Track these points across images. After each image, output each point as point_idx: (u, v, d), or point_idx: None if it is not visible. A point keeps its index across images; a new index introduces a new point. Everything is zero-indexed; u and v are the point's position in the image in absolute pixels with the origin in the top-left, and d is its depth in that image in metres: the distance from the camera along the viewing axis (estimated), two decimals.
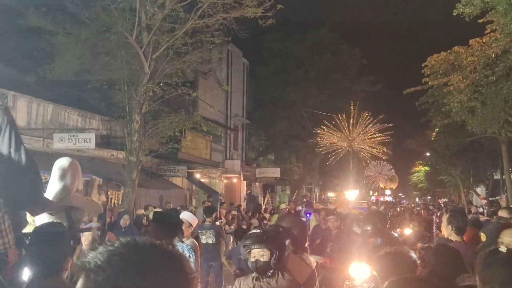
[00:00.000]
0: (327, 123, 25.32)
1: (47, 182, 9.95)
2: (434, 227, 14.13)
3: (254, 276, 3.70)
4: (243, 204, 25.74)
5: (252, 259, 3.64)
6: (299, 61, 31.37)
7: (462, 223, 4.94)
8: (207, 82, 23.82)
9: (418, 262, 4.94)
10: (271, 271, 3.61)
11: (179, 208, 14.13)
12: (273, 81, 31.38)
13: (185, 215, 6.04)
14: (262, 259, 3.59)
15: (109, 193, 16.49)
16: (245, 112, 30.31)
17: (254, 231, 3.92)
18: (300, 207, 17.73)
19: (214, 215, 10.59)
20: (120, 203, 14.92)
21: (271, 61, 32.17)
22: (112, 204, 16.16)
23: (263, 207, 22.28)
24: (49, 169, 13.07)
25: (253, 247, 3.65)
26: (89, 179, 14.41)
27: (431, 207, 30.35)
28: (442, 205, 20.76)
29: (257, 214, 18.82)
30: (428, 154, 41.32)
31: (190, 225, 5.96)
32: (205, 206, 13.38)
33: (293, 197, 31.26)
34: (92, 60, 16.74)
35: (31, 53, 16.78)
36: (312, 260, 5.83)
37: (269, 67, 32.12)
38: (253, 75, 31.85)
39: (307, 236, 5.96)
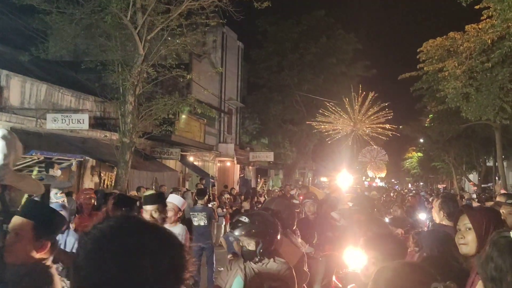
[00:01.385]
0: (331, 106, 25.11)
1: (40, 162, 9.94)
2: (416, 213, 14.25)
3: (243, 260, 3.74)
4: (236, 188, 25.80)
5: (240, 245, 3.68)
6: (294, 45, 31.23)
7: (453, 209, 4.97)
8: (202, 64, 23.70)
9: (413, 247, 4.98)
10: (258, 257, 3.61)
11: (171, 190, 14.14)
12: (267, 64, 31.27)
13: (173, 199, 5.78)
14: (248, 247, 3.61)
15: (102, 174, 16.48)
16: (239, 95, 30.22)
17: (241, 218, 3.89)
18: (293, 191, 17.81)
19: (206, 198, 10.61)
20: (113, 184, 14.92)
21: (266, 45, 32.02)
22: (105, 186, 16.17)
23: (259, 191, 22.36)
24: (42, 149, 13.05)
25: (239, 237, 3.66)
26: (82, 160, 14.36)
27: (423, 193, 30.56)
28: (441, 190, 20.73)
29: (250, 197, 18.86)
30: (421, 140, 41.51)
31: (179, 209, 5.70)
32: (197, 188, 13.40)
33: (288, 181, 31.40)
34: (86, 40, 16.62)
35: (25, 32, 16.62)
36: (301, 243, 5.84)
37: (264, 51, 31.98)
38: (248, 58, 31.74)
39: (296, 218, 5.88)
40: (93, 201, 7.64)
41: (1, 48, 17.23)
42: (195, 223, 9.92)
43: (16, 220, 2.79)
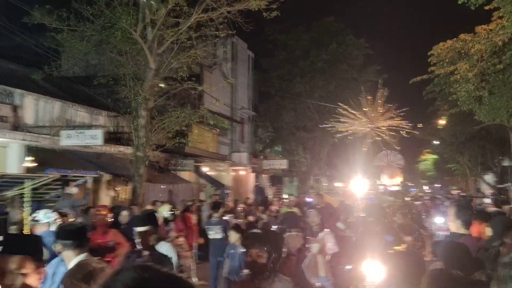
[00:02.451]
0: (344, 108, 24.82)
1: (55, 180, 10.03)
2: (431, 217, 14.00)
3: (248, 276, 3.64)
4: (251, 197, 25.80)
5: (249, 259, 3.58)
6: (305, 52, 31.23)
7: (468, 217, 4.94)
8: (213, 75, 23.81)
9: (430, 257, 4.94)
10: (267, 273, 3.49)
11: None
12: (278, 72, 31.30)
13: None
14: (259, 260, 3.51)
15: (117, 189, 16.60)
16: (251, 104, 30.28)
17: (254, 231, 3.90)
18: (308, 198, 17.73)
19: (221, 210, 10.65)
20: (129, 198, 15.03)
21: (277, 53, 32.06)
22: (120, 199, 16.27)
23: (270, 200, 22.32)
24: (57, 166, 13.18)
25: (251, 247, 3.59)
26: (97, 176, 14.49)
27: (439, 196, 30.23)
28: (457, 195, 20.21)
29: (264, 207, 18.82)
30: (435, 142, 41.13)
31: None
32: (212, 201, 13.43)
33: (303, 189, 31.32)
34: (98, 56, 16.81)
35: (37, 51, 16.85)
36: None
37: (274, 59, 32.02)
38: (258, 67, 31.80)
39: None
40: (107, 218, 7.71)
41: (14, 67, 17.48)
42: (211, 236, 9.95)
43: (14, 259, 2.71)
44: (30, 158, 13.28)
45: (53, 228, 5.50)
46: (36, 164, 13.35)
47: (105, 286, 1.19)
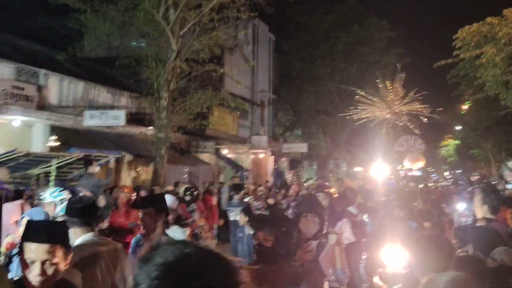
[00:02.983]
0: (365, 92, 24.41)
1: (79, 159, 10.16)
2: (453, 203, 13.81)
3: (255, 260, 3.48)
4: (270, 180, 25.83)
5: (256, 242, 3.45)
6: (326, 35, 30.87)
7: (496, 202, 4.85)
8: (233, 57, 23.73)
9: (455, 242, 4.88)
10: (274, 258, 3.32)
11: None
12: (299, 55, 31.05)
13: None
14: (266, 244, 3.36)
15: (138, 169, 16.75)
16: (271, 87, 30.17)
17: (263, 213, 3.78)
18: (327, 183, 17.68)
19: (242, 192, 10.68)
20: (150, 179, 15.17)
21: (298, 35, 31.77)
22: (141, 180, 16.44)
23: (289, 184, 22.29)
24: (80, 145, 13.33)
25: (258, 230, 3.48)
26: (120, 156, 14.64)
27: (461, 182, 29.88)
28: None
29: (284, 191, 18.83)
30: (458, 128, 40.57)
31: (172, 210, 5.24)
32: (233, 183, 13.47)
33: (322, 172, 31.24)
34: (120, 37, 16.87)
35: (61, 32, 16.98)
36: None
37: (295, 41, 31.75)
38: (279, 49, 31.57)
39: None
40: (129, 198, 7.77)
41: (39, 47, 17.64)
42: (232, 218, 9.99)
43: (40, 248, 2.53)
44: (54, 137, 13.47)
45: (59, 208, 5.31)
46: (59, 143, 13.54)
47: (145, 259, 1.20)
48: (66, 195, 5.49)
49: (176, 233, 4.95)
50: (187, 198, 10.08)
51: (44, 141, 13.56)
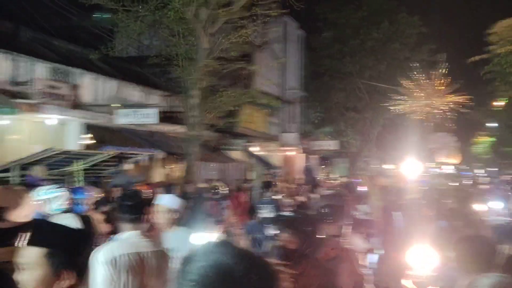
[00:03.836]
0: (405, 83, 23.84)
1: (114, 157, 10.33)
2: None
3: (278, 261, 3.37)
4: (301, 177, 25.76)
5: (279, 243, 3.35)
6: (355, 31, 30.56)
7: None
8: (263, 55, 23.72)
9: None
10: (297, 259, 3.24)
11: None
12: (329, 52, 30.83)
13: (163, 200, 4.69)
14: (289, 246, 3.29)
15: (171, 167, 16.92)
16: (301, 84, 30.08)
17: (286, 214, 3.70)
18: (356, 180, 17.53)
19: (272, 189, 10.70)
20: (181, 175, 15.31)
21: (327, 32, 31.57)
22: (173, 176, 16.60)
23: (320, 180, 22.23)
24: (114, 143, 13.56)
25: (282, 231, 3.38)
26: (153, 153, 14.84)
27: (496, 180, 29.23)
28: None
29: (314, 187, 18.77)
30: (491, 124, 39.70)
31: (175, 211, 4.62)
32: (264, 180, 13.50)
33: (353, 170, 30.99)
34: (150, 36, 17.07)
35: (93, 31, 17.28)
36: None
37: (324, 38, 31.56)
38: (308, 46, 31.40)
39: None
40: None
41: (72, 47, 17.98)
42: (263, 215, 10.01)
43: (26, 252, 2.12)
44: (88, 135, 13.73)
45: (55, 205, 4.89)
46: (93, 142, 13.80)
47: (182, 270, 1.21)
48: (61, 192, 5.12)
49: (183, 233, 4.59)
50: (218, 196, 10.08)
51: (78, 139, 13.84)
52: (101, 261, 3.12)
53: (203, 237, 7.84)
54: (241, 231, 10.13)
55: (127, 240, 3.38)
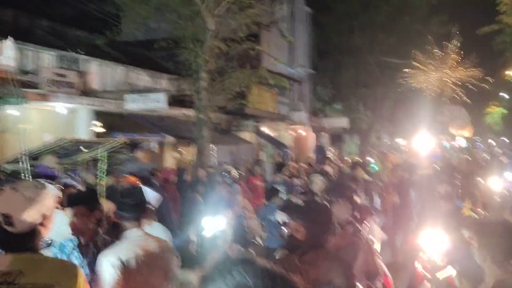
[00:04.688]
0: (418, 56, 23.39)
1: (125, 144, 10.28)
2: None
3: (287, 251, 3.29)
4: (313, 156, 25.67)
5: (288, 232, 3.24)
6: (365, 5, 30.07)
7: None
8: (270, 34, 23.43)
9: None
10: (306, 248, 3.12)
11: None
12: (337, 28, 30.35)
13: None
14: (297, 235, 3.15)
15: (181, 151, 16.91)
16: (309, 62, 29.76)
17: (296, 201, 3.55)
18: (370, 159, 17.40)
19: (284, 171, 10.63)
20: (192, 159, 15.31)
21: (335, 7, 31.06)
22: (184, 160, 16.60)
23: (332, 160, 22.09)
24: (124, 129, 13.51)
25: (289, 220, 3.25)
26: (163, 138, 14.81)
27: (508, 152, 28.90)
28: None
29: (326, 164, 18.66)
30: (503, 94, 39.19)
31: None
32: (276, 162, 13.43)
33: (364, 146, 30.83)
34: (157, 20, 16.89)
35: (99, 16, 17.13)
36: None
37: (333, 14, 31.04)
38: (316, 23, 30.97)
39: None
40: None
41: (78, 33, 17.89)
42: (277, 198, 9.98)
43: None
44: (98, 122, 13.72)
45: None
46: (103, 129, 13.80)
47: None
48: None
49: (158, 229, 4.30)
50: (228, 180, 9.89)
51: (88, 126, 13.84)
52: (110, 262, 3.11)
53: (215, 221, 7.82)
54: (253, 215, 10.09)
55: (133, 239, 3.32)
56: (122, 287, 3.09)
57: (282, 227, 3.44)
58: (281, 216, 3.29)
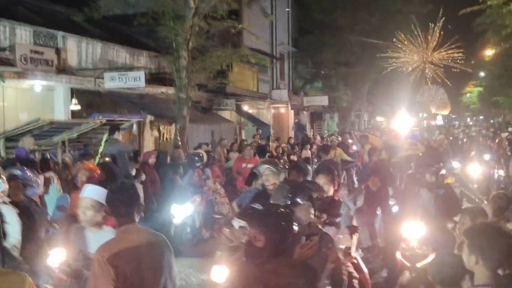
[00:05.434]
0: (400, 36, 23.34)
1: (104, 125, 10.14)
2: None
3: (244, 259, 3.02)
4: (292, 134, 25.73)
5: (245, 238, 2.99)
6: None
7: None
8: (251, 11, 23.13)
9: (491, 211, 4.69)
10: (266, 257, 2.86)
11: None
12: (319, 6, 30.11)
13: (90, 193, 3.86)
14: (256, 244, 2.87)
15: (161, 129, 16.73)
16: (290, 39, 29.56)
17: (255, 206, 2.99)
18: (351, 140, 17.49)
19: (267, 155, 10.58)
20: (172, 138, 15.18)
21: None
22: (164, 139, 16.46)
23: (311, 138, 22.20)
24: (102, 108, 13.31)
25: (249, 226, 2.95)
26: (142, 119, 14.64)
27: (483, 132, 29.38)
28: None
29: (306, 145, 18.73)
30: (482, 74, 39.59)
31: (94, 206, 3.81)
32: (257, 146, 13.31)
33: (344, 125, 30.94)
34: None
35: None
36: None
37: None
38: (298, 1, 30.73)
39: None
40: (91, 176, 6.44)
41: (55, 8, 17.41)
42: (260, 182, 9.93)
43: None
44: (76, 101, 13.46)
45: None
46: (81, 107, 13.55)
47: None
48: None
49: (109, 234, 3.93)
50: (198, 164, 9.37)
51: (66, 104, 13.57)
52: (102, 258, 3.08)
53: (182, 208, 7.75)
54: (225, 199, 9.87)
55: (126, 235, 3.28)
56: (115, 283, 3.06)
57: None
58: (239, 223, 3.04)
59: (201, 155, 9.54)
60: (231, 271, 3.28)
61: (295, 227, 2.98)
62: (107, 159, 8.86)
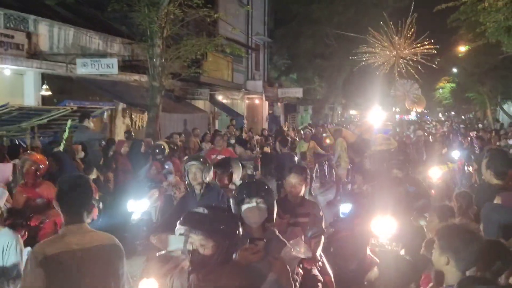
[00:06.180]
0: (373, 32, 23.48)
1: (74, 112, 9.95)
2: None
3: (189, 269, 2.79)
4: (265, 125, 25.75)
5: (189, 246, 2.70)
6: None
7: (502, 168, 4.68)
8: (227, 0, 22.98)
9: (457, 211, 4.78)
10: (212, 266, 2.72)
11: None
12: None
13: None
14: (202, 251, 2.70)
15: (133, 117, 16.54)
16: (266, 30, 29.48)
17: (199, 210, 2.78)
18: (324, 134, 17.54)
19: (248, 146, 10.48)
20: (144, 126, 15.01)
21: None
22: (136, 127, 16.27)
23: (285, 130, 22.22)
24: (74, 94, 13.06)
25: (192, 233, 2.70)
26: (114, 107, 14.41)
27: (455, 127, 29.91)
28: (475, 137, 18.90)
29: (280, 137, 18.71)
30: (454, 70, 40.17)
31: None
32: (238, 137, 13.23)
33: (317, 117, 31.07)
34: None
35: None
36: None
37: None
38: None
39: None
40: (37, 168, 5.75)
41: None
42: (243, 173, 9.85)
43: None
44: (46, 86, 13.19)
45: None
46: (51, 93, 13.28)
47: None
48: None
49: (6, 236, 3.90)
50: (159, 157, 8.74)
51: (36, 90, 13.30)
52: (36, 260, 2.78)
53: (138, 204, 7.57)
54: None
55: (67, 237, 2.93)
56: (48, 285, 2.75)
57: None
58: (179, 230, 2.73)
59: (162, 147, 8.94)
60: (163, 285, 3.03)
61: (240, 233, 2.86)
62: (79, 146, 8.72)
